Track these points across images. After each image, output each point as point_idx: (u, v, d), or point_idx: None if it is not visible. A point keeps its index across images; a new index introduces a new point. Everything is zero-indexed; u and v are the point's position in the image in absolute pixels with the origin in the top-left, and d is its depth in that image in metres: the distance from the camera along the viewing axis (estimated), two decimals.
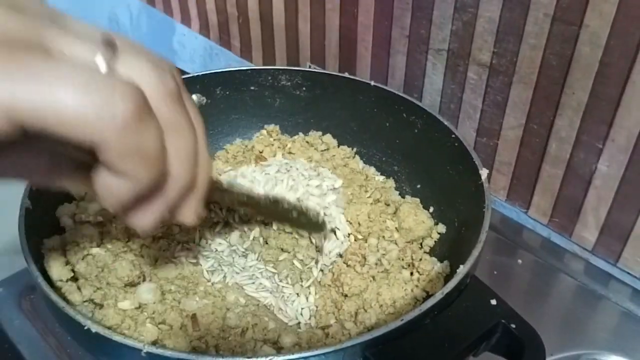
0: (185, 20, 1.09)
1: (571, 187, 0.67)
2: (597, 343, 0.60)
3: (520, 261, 0.69)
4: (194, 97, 0.71)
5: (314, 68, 0.88)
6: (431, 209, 0.64)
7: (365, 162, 0.71)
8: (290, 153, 0.70)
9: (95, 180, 0.29)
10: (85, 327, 0.42)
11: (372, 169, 0.70)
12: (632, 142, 0.59)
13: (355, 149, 0.72)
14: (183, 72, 0.73)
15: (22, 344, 0.59)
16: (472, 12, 0.66)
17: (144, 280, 0.52)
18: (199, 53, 1.10)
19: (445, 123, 0.63)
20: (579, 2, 0.57)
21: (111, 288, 0.50)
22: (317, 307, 0.53)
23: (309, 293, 0.55)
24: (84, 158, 0.29)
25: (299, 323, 0.53)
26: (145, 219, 0.32)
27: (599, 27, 0.57)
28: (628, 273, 0.66)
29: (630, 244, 0.64)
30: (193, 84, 0.70)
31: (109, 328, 0.46)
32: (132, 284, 0.52)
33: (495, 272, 0.66)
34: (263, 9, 0.91)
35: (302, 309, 0.54)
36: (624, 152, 0.60)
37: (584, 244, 0.69)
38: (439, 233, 0.61)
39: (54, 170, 0.33)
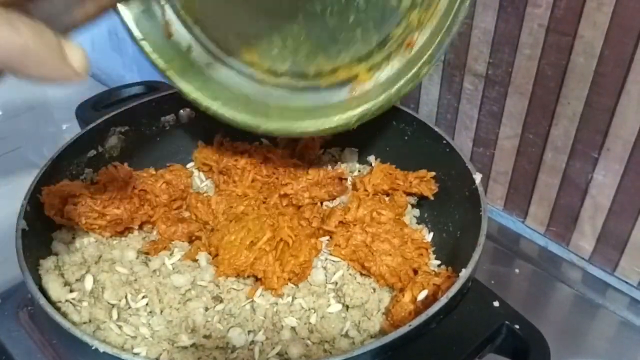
0: None
1: (568, 196, 0.67)
2: (594, 352, 0.60)
3: (517, 270, 0.69)
4: (182, 111, 0.71)
5: None
6: (425, 215, 0.64)
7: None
8: None
9: None
10: (93, 347, 0.42)
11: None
12: (627, 151, 0.59)
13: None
14: (172, 87, 0.73)
15: (19, 356, 0.58)
16: (468, 23, 0.66)
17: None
18: None
19: (436, 130, 0.63)
20: (573, 13, 0.57)
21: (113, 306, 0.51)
22: (322, 317, 0.54)
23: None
24: None
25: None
26: None
27: (593, 38, 0.57)
28: (625, 282, 0.66)
29: (627, 253, 0.64)
30: (181, 98, 0.70)
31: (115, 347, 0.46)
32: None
33: (492, 282, 0.66)
34: None
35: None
36: (620, 161, 0.60)
37: (581, 253, 0.69)
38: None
39: None
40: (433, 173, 0.63)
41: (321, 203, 0.64)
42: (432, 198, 0.62)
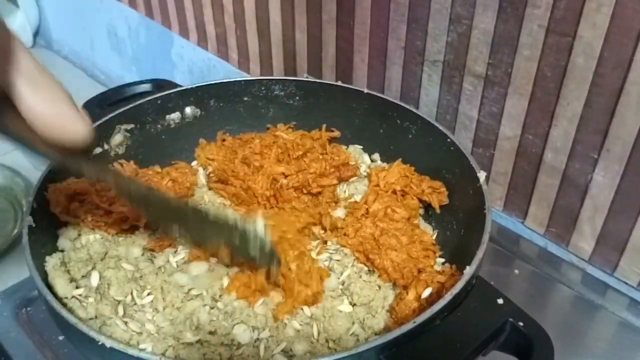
0: (184, 32, 1.09)
1: (567, 197, 0.67)
2: (594, 352, 0.60)
3: (517, 271, 0.69)
4: (188, 109, 0.72)
5: (311, 79, 0.88)
6: (429, 213, 0.65)
7: None
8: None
9: None
10: (100, 343, 0.42)
11: None
12: (627, 151, 0.60)
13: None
14: (177, 85, 0.74)
15: (18, 356, 0.58)
16: (467, 24, 0.66)
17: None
18: (198, 65, 1.10)
19: (440, 128, 0.63)
20: (573, 14, 0.58)
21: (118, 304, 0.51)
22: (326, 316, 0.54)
23: None
24: None
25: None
26: None
27: (593, 38, 0.57)
28: (625, 283, 0.66)
29: (627, 254, 0.65)
30: (187, 96, 0.71)
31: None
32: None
33: (492, 282, 0.66)
34: (260, 21, 0.92)
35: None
36: (619, 162, 0.61)
37: (580, 254, 0.69)
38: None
39: None
40: (444, 185, 0.64)
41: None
42: (438, 211, 0.63)
